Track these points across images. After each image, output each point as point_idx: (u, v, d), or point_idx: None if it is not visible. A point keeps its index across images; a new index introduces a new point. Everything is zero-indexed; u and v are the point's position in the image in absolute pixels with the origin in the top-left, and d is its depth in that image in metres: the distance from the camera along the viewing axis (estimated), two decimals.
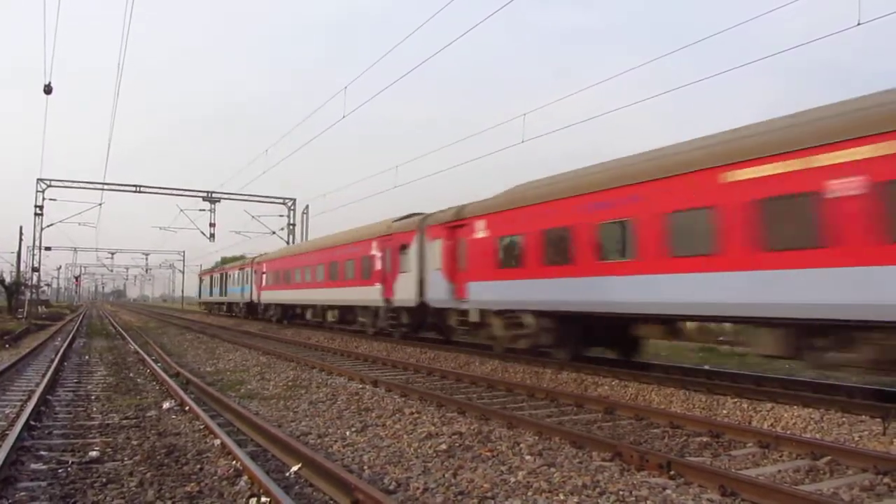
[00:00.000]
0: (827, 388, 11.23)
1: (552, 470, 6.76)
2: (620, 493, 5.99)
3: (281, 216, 51.51)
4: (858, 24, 11.39)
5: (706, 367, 14.14)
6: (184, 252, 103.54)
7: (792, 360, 10.97)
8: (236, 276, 47.00)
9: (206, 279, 63.86)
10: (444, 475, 6.58)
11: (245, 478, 6.43)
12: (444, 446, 7.78)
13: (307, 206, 49.83)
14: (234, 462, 7.00)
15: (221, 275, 53.63)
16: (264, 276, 38.42)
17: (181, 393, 11.44)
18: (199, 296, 70.67)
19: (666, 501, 5.83)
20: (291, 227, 51.23)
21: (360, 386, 13.10)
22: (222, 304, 54.40)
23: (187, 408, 10.33)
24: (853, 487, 6.27)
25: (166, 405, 10.76)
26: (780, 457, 7.54)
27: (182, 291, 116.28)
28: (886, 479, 6.44)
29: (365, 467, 6.96)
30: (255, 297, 40.79)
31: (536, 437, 8.32)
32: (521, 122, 20.05)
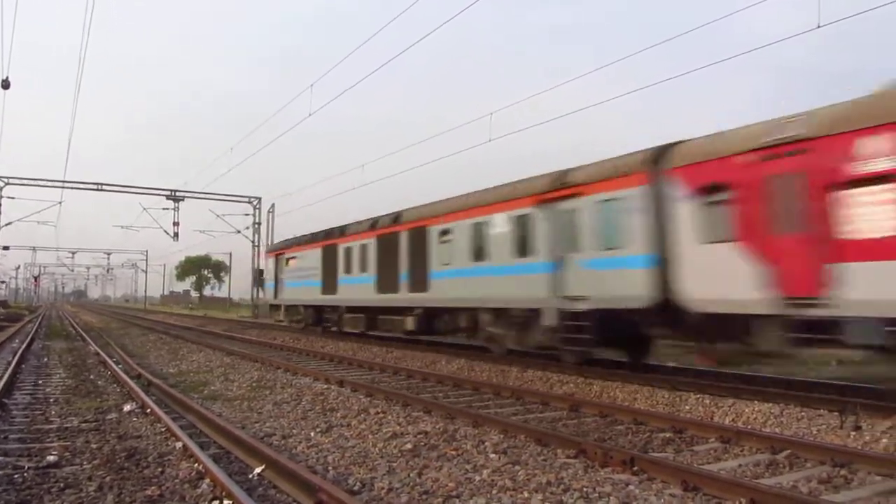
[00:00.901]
0: (787, 384, 11.45)
1: (517, 468, 6.78)
2: (584, 489, 6.03)
3: (246, 215, 51.02)
4: (818, 26, 11.72)
5: (671, 364, 14.32)
6: (146, 252, 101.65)
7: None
8: (514, 231, 15.07)
9: (309, 256, 27.21)
10: (409, 475, 6.56)
11: (207, 480, 6.34)
12: (409, 446, 7.77)
13: (273, 205, 49.25)
14: (196, 465, 6.89)
15: (394, 237, 20.25)
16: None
17: (142, 395, 11.22)
18: (276, 294, 31.93)
19: (629, 497, 5.88)
20: (257, 225, 50.75)
21: (326, 386, 13.01)
22: (390, 311, 20.64)
23: (149, 410, 10.14)
24: (811, 480, 6.39)
25: (127, 408, 10.56)
26: (742, 451, 7.66)
27: (145, 291, 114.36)
28: (843, 472, 6.58)
29: (329, 468, 6.91)
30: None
31: (502, 436, 8.34)
32: (489, 121, 20.00)
